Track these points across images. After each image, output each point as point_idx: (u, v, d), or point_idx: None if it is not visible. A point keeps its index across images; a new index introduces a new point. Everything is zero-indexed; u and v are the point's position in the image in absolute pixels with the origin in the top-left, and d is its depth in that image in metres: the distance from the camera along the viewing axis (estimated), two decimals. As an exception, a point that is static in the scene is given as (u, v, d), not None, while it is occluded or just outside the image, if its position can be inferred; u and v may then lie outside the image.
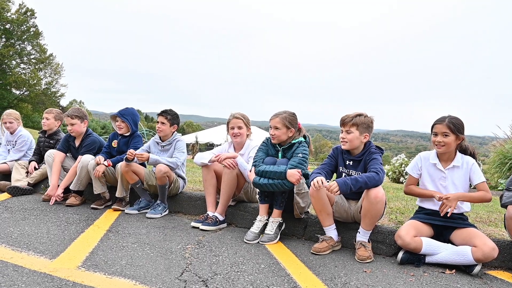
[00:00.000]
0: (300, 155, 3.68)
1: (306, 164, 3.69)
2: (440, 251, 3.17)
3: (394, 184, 9.57)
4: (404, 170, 10.67)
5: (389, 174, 11.48)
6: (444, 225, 3.32)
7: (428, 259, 3.20)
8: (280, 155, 3.85)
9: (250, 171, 3.83)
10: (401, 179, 10.99)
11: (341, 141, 3.58)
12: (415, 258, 3.21)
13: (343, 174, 3.61)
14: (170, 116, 4.64)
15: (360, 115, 3.49)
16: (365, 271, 3.05)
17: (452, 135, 3.27)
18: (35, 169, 5.40)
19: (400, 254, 3.25)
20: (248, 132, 4.35)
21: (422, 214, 3.43)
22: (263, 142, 3.99)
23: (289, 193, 3.72)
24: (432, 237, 3.29)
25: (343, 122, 3.53)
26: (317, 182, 3.31)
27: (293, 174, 3.54)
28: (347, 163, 3.60)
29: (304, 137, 3.88)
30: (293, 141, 3.81)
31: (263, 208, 3.82)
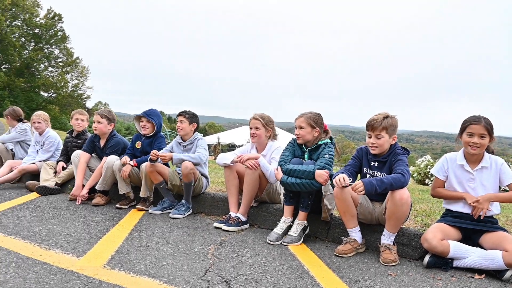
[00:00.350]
0: (327, 156, 3.65)
1: (332, 165, 3.66)
2: (469, 255, 3.08)
3: (420, 185, 9.39)
4: (430, 171, 10.46)
5: (414, 175, 11.28)
6: (472, 229, 3.22)
7: (456, 263, 3.11)
8: (306, 156, 3.82)
9: (277, 169, 3.81)
10: (427, 180, 10.78)
11: (370, 147, 3.47)
12: (442, 262, 3.13)
13: (368, 175, 3.55)
14: (188, 115, 4.70)
15: (387, 117, 3.39)
16: (390, 274, 2.99)
17: (488, 136, 3.16)
18: (63, 169, 5.53)
19: (427, 258, 3.17)
20: (268, 134, 4.31)
21: (450, 217, 3.33)
22: (289, 142, 3.96)
23: (315, 195, 3.69)
24: (460, 241, 3.19)
25: (373, 127, 3.41)
26: (339, 179, 3.26)
27: (321, 175, 3.52)
28: (372, 164, 3.54)
29: (330, 138, 3.84)
30: (320, 142, 3.78)
31: (287, 209, 3.79)
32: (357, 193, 3.19)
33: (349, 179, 3.30)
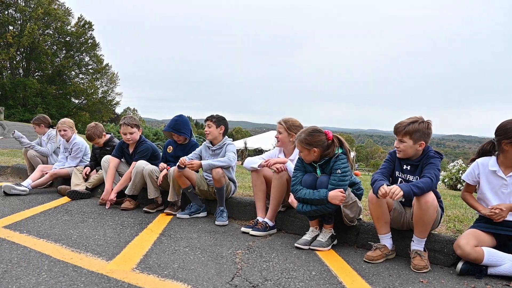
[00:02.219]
0: (339, 171, 3.46)
1: (348, 177, 3.50)
2: (504, 262, 2.97)
3: (451, 191, 9.14)
4: (461, 176, 10.14)
5: (445, 180, 10.98)
6: (508, 235, 3.10)
7: (490, 271, 3.00)
8: (318, 171, 3.65)
9: (291, 197, 3.67)
10: (458, 185, 10.48)
11: (396, 149, 3.43)
12: (476, 269, 3.02)
13: (399, 179, 3.46)
14: (215, 118, 4.70)
15: (414, 122, 3.27)
16: (422, 281, 2.92)
17: None
18: (88, 173, 5.63)
19: (460, 265, 3.07)
20: (292, 138, 4.19)
21: (484, 223, 3.22)
22: (298, 158, 3.77)
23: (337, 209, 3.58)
24: (495, 248, 3.08)
25: (396, 131, 3.37)
26: (385, 190, 3.08)
27: (335, 196, 3.38)
28: (404, 168, 3.45)
29: (341, 145, 3.60)
30: (328, 157, 3.57)
31: (313, 222, 3.75)
32: (394, 199, 3.09)
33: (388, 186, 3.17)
